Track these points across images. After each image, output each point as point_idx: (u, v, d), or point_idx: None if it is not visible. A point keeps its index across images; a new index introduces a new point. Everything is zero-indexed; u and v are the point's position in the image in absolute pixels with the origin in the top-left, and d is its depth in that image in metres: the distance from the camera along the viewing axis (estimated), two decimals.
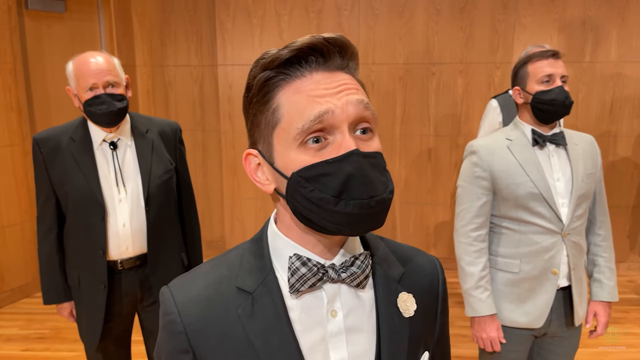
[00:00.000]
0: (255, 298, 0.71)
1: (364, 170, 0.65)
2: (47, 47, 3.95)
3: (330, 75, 0.68)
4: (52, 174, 1.85)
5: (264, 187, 0.73)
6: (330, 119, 0.65)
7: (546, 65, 1.69)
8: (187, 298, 0.72)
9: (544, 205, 1.68)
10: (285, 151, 0.67)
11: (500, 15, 4.00)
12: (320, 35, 0.67)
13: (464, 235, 1.76)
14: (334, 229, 0.67)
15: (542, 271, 1.72)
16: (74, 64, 1.82)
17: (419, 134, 4.23)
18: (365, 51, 4.15)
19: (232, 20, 4.22)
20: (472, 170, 1.74)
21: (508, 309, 1.76)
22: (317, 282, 0.70)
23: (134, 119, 1.96)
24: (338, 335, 0.72)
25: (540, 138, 1.72)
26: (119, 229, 1.84)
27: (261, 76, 0.68)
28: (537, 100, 1.68)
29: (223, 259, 0.78)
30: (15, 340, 3.22)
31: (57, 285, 1.90)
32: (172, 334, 0.72)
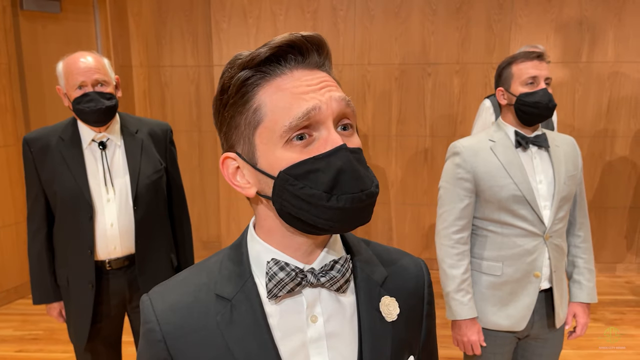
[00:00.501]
0: (234, 305, 0.70)
1: (352, 164, 0.65)
2: (42, 48, 3.95)
3: (310, 73, 0.68)
4: (42, 174, 1.85)
5: (244, 190, 0.71)
6: (317, 115, 0.65)
7: (530, 67, 1.67)
8: (166, 306, 0.72)
9: (526, 208, 1.67)
10: (270, 150, 0.66)
11: (496, 16, 3.99)
12: (298, 33, 0.67)
13: (446, 237, 1.75)
14: (325, 225, 0.66)
15: (525, 274, 1.71)
16: (63, 63, 1.83)
17: (415, 134, 4.22)
18: (361, 52, 4.15)
19: (228, 20, 4.21)
20: (455, 172, 1.73)
21: (491, 312, 1.75)
22: (295, 287, 0.69)
23: (124, 119, 1.95)
24: (318, 341, 0.71)
25: (523, 140, 1.70)
26: (107, 228, 1.83)
27: (239, 76, 0.67)
28: (521, 103, 1.67)
29: (203, 266, 0.77)
30: (9, 341, 3.21)
31: (47, 285, 1.90)
32: (151, 343, 0.71)
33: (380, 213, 4.38)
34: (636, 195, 4.16)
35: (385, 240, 4.42)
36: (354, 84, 4.20)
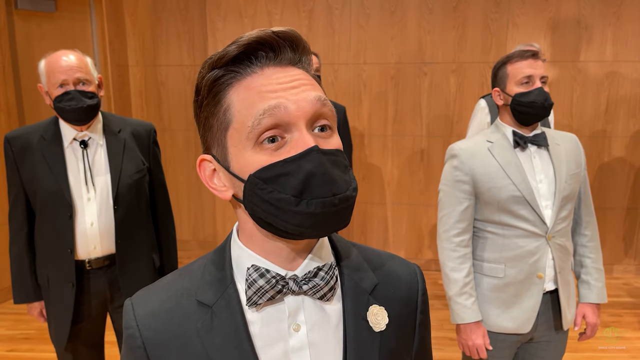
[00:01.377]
0: (215, 312, 0.68)
1: (324, 167, 0.61)
2: (37, 47, 3.94)
3: (283, 70, 0.65)
4: (22, 172, 1.84)
5: (220, 194, 0.69)
6: (283, 116, 0.62)
7: (525, 66, 1.65)
8: (147, 312, 0.70)
9: (526, 208, 1.64)
10: (240, 153, 0.64)
11: (493, 14, 3.95)
12: (269, 29, 0.64)
13: (447, 240, 1.73)
14: (296, 231, 0.63)
15: (528, 275, 1.68)
16: (45, 61, 1.82)
17: (411, 134, 4.19)
18: (356, 51, 4.12)
19: (223, 19, 4.20)
20: (453, 174, 1.71)
21: (494, 314, 1.73)
22: (276, 295, 0.67)
23: (107, 118, 1.94)
24: (301, 351, 0.68)
25: (522, 139, 1.68)
26: (87, 227, 1.82)
27: (209, 76, 0.65)
28: (517, 102, 1.65)
29: (187, 270, 0.75)
30: (1, 340, 3.21)
31: (27, 285, 1.89)
32: (131, 348, 0.70)
33: (377, 213, 4.35)
34: (634, 196, 4.11)
35: (382, 240, 4.39)
36: (350, 83, 4.17)
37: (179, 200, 4.65)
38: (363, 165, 4.28)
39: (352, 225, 4.39)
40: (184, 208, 4.69)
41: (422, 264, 4.33)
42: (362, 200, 4.33)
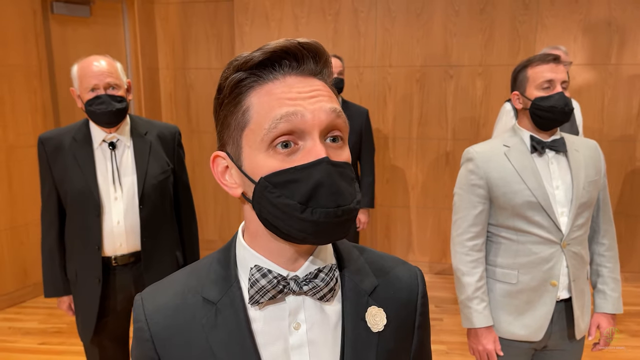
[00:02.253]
0: (219, 309, 0.71)
1: (332, 178, 0.64)
2: (72, 51, 4.09)
3: (304, 80, 0.67)
4: (54, 172, 1.92)
5: (231, 190, 0.72)
6: (300, 123, 0.64)
7: (547, 70, 1.63)
8: (155, 307, 0.73)
9: (542, 214, 1.62)
10: (254, 154, 0.67)
11: (521, 17, 3.90)
12: (295, 40, 0.67)
13: (460, 244, 1.72)
14: (299, 236, 0.66)
15: (541, 282, 1.66)
16: (78, 66, 1.90)
17: (436, 137, 4.17)
18: (382, 54, 4.13)
19: (251, 23, 4.27)
20: (468, 178, 1.70)
21: (506, 321, 1.71)
22: (277, 294, 0.69)
23: (134, 121, 2.01)
24: (300, 348, 0.71)
25: (539, 145, 1.66)
26: (114, 225, 1.89)
27: (233, 77, 0.68)
28: (536, 107, 1.63)
29: (194, 268, 0.78)
30: (34, 333, 3.33)
31: (57, 279, 1.97)
32: (140, 341, 0.73)
33: (400, 216, 4.34)
34: None
35: (405, 244, 4.38)
36: (375, 86, 4.18)
37: (205, 200, 4.74)
38: (387, 168, 4.28)
39: (375, 228, 4.39)
40: (210, 208, 4.77)
41: (446, 268, 4.30)
42: (386, 204, 4.33)
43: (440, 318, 3.53)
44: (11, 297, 3.74)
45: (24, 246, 3.78)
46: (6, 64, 3.61)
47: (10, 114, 3.66)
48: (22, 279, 3.81)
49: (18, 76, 3.68)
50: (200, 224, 2.43)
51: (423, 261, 4.37)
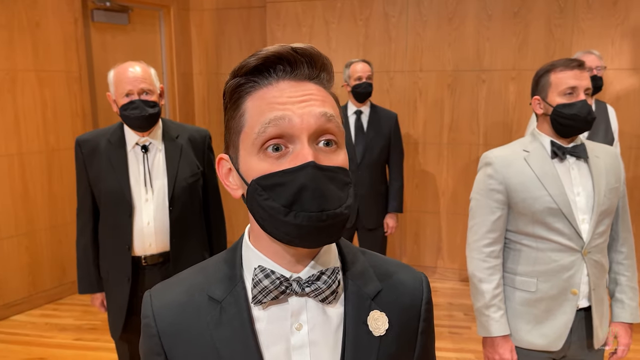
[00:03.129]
0: (224, 307, 0.73)
1: (317, 182, 0.64)
2: (111, 57, 4.23)
3: (297, 85, 0.69)
4: (90, 173, 1.99)
5: (233, 192, 0.74)
6: (288, 127, 0.66)
7: (570, 77, 1.59)
8: (163, 304, 0.76)
9: (562, 221, 1.59)
10: (248, 157, 0.69)
11: (556, 20, 3.82)
12: (288, 45, 0.69)
13: (477, 250, 1.69)
14: (285, 239, 0.67)
15: (561, 291, 1.63)
16: (114, 72, 1.97)
17: (467, 142, 4.12)
18: (412, 58, 4.11)
19: (282, 29, 4.32)
20: (487, 183, 1.67)
21: (524, 330, 1.68)
22: (280, 295, 0.71)
23: (166, 124, 2.06)
24: (301, 349, 0.72)
25: (560, 150, 1.63)
26: (144, 226, 1.94)
27: (231, 83, 0.71)
28: (558, 114, 1.59)
29: (202, 266, 0.80)
30: (69, 330, 3.45)
31: (90, 276, 2.04)
32: (147, 336, 0.76)
33: (430, 222, 4.30)
34: None
35: (435, 250, 4.33)
36: (405, 91, 4.17)
37: (235, 203, 4.81)
38: (417, 173, 4.25)
39: (405, 234, 4.36)
40: (239, 211, 4.84)
41: None
42: (416, 209, 4.30)
43: (468, 326, 3.48)
44: (49, 294, 3.89)
45: (63, 245, 3.93)
46: (49, 69, 3.76)
47: (52, 118, 3.81)
48: (60, 277, 3.95)
49: (60, 81, 3.84)
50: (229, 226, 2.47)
51: (452, 268, 4.31)
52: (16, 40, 3.57)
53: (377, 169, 3.13)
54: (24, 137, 3.66)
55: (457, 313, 3.68)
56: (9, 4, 3.51)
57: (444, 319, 3.59)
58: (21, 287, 3.72)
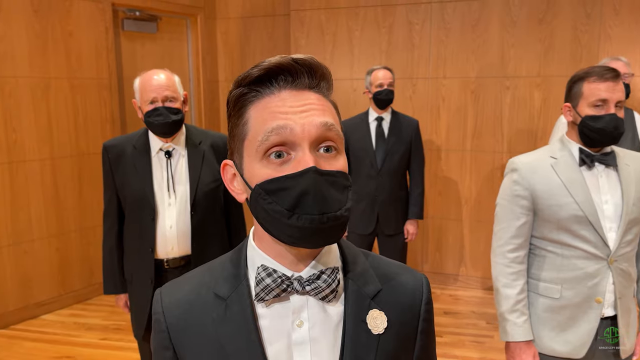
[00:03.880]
0: (228, 304, 0.76)
1: (318, 187, 0.68)
2: (140, 64, 4.35)
3: (297, 94, 0.72)
4: (116, 177, 2.05)
5: (237, 196, 0.77)
6: (290, 136, 0.69)
7: (603, 89, 1.56)
8: (172, 300, 0.79)
9: (588, 229, 1.58)
10: (252, 163, 0.72)
11: (583, 26, 3.77)
12: (289, 56, 0.72)
13: (501, 255, 1.70)
14: (288, 240, 0.70)
15: (585, 299, 1.62)
16: (139, 79, 2.02)
17: (491, 150, 4.08)
18: (436, 65, 4.11)
19: (306, 37, 4.37)
20: (512, 189, 1.68)
21: (548, 337, 1.67)
22: (281, 293, 0.74)
23: (190, 130, 2.11)
24: (303, 345, 0.75)
25: (588, 158, 1.61)
26: (167, 230, 1.99)
27: (235, 92, 0.74)
28: (585, 125, 1.58)
29: (209, 266, 0.84)
30: (96, 329, 3.55)
31: (115, 278, 2.11)
32: (157, 331, 0.80)
33: (452, 229, 4.28)
34: None
35: (457, 257, 4.30)
36: (428, 98, 4.16)
37: None
38: (440, 180, 4.24)
39: (427, 241, 4.35)
40: None
41: None
42: (438, 216, 4.28)
43: (490, 335, 3.44)
44: (78, 294, 4.00)
45: (91, 247, 4.04)
46: (81, 77, 3.90)
47: (82, 123, 3.94)
48: (88, 278, 4.07)
49: (91, 88, 3.97)
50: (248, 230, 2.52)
51: (475, 276, 4.27)
52: (50, 49, 3.71)
53: (397, 176, 3.13)
54: (56, 142, 3.79)
55: (480, 321, 3.65)
56: (44, 15, 3.65)
57: (467, 327, 3.56)
58: (51, 287, 3.84)
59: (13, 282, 3.62)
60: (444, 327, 3.55)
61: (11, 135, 3.54)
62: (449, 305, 3.95)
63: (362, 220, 3.14)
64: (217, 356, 0.75)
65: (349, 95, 4.31)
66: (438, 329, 3.53)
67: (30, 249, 3.70)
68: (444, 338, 3.39)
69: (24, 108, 3.60)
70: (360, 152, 3.12)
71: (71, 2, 3.79)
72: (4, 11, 3.44)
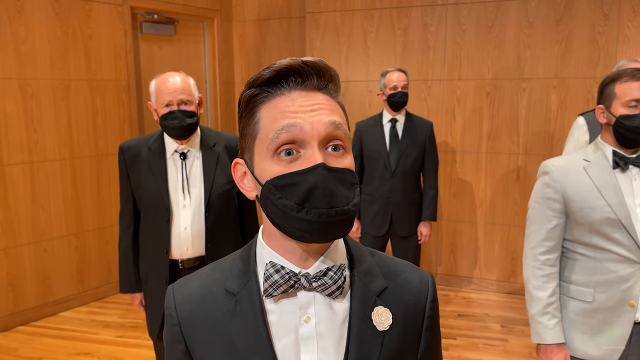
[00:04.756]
0: (238, 300, 0.79)
1: (326, 182, 0.70)
2: (158, 66, 4.42)
3: (307, 94, 0.75)
4: (132, 178, 2.09)
5: (248, 193, 0.80)
6: (299, 134, 0.72)
7: (636, 88, 1.57)
8: (184, 296, 0.82)
9: (622, 232, 1.58)
10: (262, 160, 0.75)
11: (601, 27, 3.72)
12: (299, 59, 0.75)
13: (533, 258, 1.71)
14: (297, 234, 0.73)
15: (618, 302, 1.61)
16: (155, 82, 2.05)
17: (507, 152, 4.05)
18: (451, 67, 4.09)
19: (321, 38, 4.39)
20: (544, 191, 1.69)
21: (580, 340, 1.67)
22: (289, 289, 0.76)
23: (204, 133, 2.14)
24: (309, 340, 0.77)
25: (622, 160, 1.62)
26: (181, 231, 2.03)
27: (247, 93, 0.77)
28: (620, 125, 1.59)
29: (220, 263, 0.87)
30: (113, 327, 3.62)
31: (130, 277, 2.15)
32: (170, 325, 0.83)
33: (467, 232, 4.26)
34: None
35: (472, 260, 4.28)
36: (443, 100, 4.15)
37: None
38: (454, 182, 4.22)
39: (441, 243, 4.33)
40: None
41: (517, 288, 4.15)
42: (453, 218, 4.26)
43: (505, 339, 3.42)
44: (96, 292, 4.08)
45: (109, 245, 4.12)
46: (101, 79, 3.97)
47: (101, 124, 4.02)
48: (106, 276, 4.14)
49: (110, 90, 4.05)
50: None
51: (490, 279, 4.25)
52: (70, 51, 3.79)
53: (411, 177, 3.14)
54: (75, 143, 3.87)
55: (494, 325, 3.62)
56: (64, 17, 3.73)
57: (479, 330, 3.54)
58: (70, 285, 3.92)
59: (33, 279, 3.70)
60: (458, 330, 3.54)
61: (32, 136, 3.63)
62: (463, 307, 3.93)
63: (376, 221, 3.15)
64: (227, 350, 0.77)
65: (363, 96, 4.32)
66: (451, 331, 3.52)
67: (50, 248, 3.78)
68: (457, 340, 3.37)
69: (45, 109, 3.69)
70: (374, 154, 3.13)
71: (91, 6, 3.87)
72: (26, 15, 3.53)
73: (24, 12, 3.52)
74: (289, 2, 4.71)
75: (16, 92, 3.53)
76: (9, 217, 3.55)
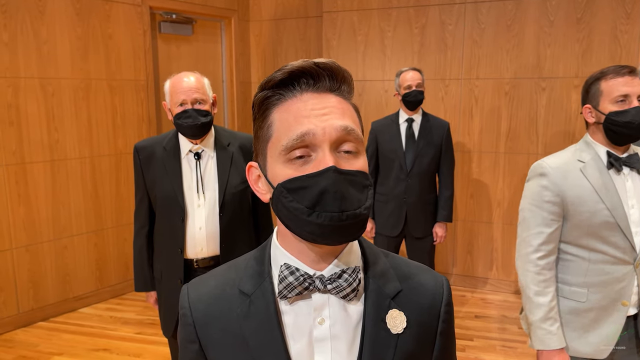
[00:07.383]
0: (252, 300, 0.79)
1: (338, 185, 0.70)
2: (175, 66, 4.46)
3: (319, 97, 0.75)
4: (147, 178, 2.10)
5: (262, 196, 0.80)
6: (311, 139, 0.72)
7: (622, 84, 1.56)
8: (198, 296, 0.83)
9: (618, 235, 1.56)
10: (274, 164, 0.75)
11: (623, 26, 3.65)
12: (311, 60, 0.75)
13: (532, 263, 1.68)
14: (309, 238, 0.73)
15: (612, 302, 1.61)
16: (169, 82, 2.05)
17: (525, 152, 4.00)
18: (469, 66, 4.05)
19: (338, 38, 4.38)
20: (542, 194, 1.65)
21: (570, 338, 1.67)
22: (304, 291, 0.76)
23: (219, 132, 2.15)
24: (323, 341, 0.77)
25: (617, 161, 1.60)
26: (196, 231, 2.04)
27: (260, 95, 0.77)
28: (611, 122, 1.57)
29: (234, 263, 0.87)
30: (131, 323, 3.67)
31: (145, 276, 2.17)
32: (184, 325, 0.83)
33: (484, 232, 4.21)
34: None
35: (488, 260, 4.23)
36: (461, 99, 4.11)
37: None
38: (472, 182, 4.18)
39: (457, 243, 4.30)
40: None
41: None
42: (469, 219, 4.22)
43: (522, 340, 3.38)
44: (114, 289, 4.14)
45: (127, 243, 4.18)
46: (120, 78, 4.03)
47: (120, 123, 4.08)
48: (124, 273, 4.20)
49: (128, 89, 4.10)
50: None
51: (507, 280, 4.20)
52: (91, 51, 3.85)
53: (426, 178, 3.11)
54: (95, 141, 3.93)
55: (511, 326, 3.58)
56: (85, 18, 3.79)
57: (496, 332, 3.50)
58: (89, 281, 3.99)
59: (53, 276, 3.77)
60: (475, 331, 3.50)
61: (53, 135, 3.69)
62: (480, 308, 3.89)
63: (390, 221, 3.13)
64: (241, 350, 0.78)
65: (380, 96, 4.30)
66: (468, 332, 3.49)
67: (70, 245, 3.85)
68: (474, 342, 3.34)
69: (66, 108, 3.75)
70: (390, 154, 3.11)
71: (111, 6, 3.92)
72: (47, 15, 3.59)
73: (46, 13, 3.59)
74: (305, 2, 4.71)
75: (37, 92, 3.59)
76: (31, 214, 3.62)
